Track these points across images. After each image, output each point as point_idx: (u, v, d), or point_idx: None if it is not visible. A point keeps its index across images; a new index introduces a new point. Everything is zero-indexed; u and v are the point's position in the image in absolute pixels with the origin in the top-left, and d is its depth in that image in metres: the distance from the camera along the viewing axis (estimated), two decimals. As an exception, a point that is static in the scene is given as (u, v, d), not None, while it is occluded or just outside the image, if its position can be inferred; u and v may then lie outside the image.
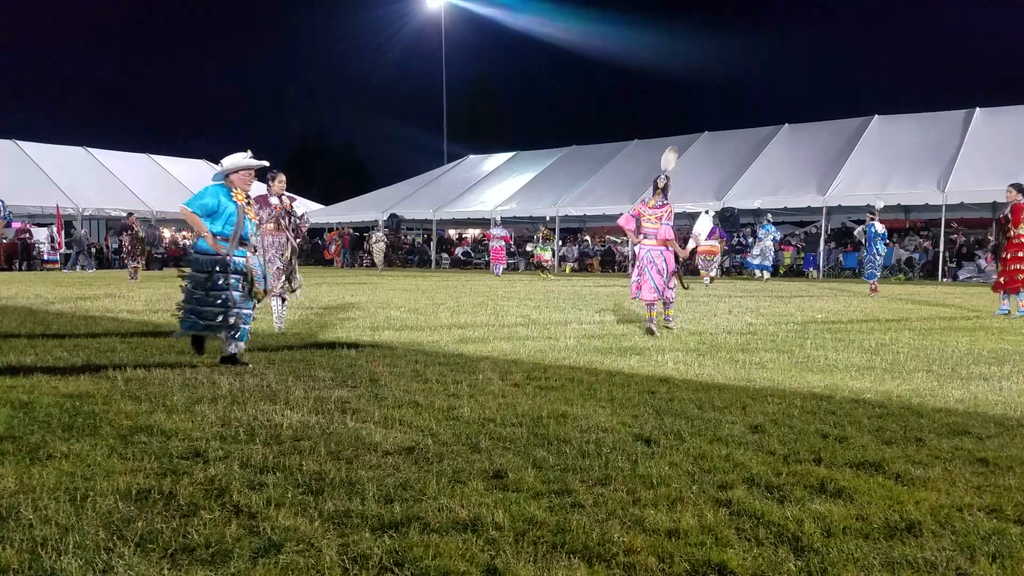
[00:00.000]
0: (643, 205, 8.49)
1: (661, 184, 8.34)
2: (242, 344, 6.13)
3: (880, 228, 16.06)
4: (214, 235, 5.98)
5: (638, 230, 8.41)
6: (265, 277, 6.98)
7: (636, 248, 8.63)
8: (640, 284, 8.35)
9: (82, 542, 2.49)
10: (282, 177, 8.28)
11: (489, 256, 27.24)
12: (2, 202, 8.22)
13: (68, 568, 2.32)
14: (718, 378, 5.60)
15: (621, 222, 8.68)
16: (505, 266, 26.25)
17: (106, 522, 2.66)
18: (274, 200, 8.23)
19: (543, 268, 24.91)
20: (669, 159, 8.59)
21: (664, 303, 8.55)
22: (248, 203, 6.28)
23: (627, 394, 4.95)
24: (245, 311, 6.12)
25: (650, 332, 8.12)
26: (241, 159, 6.19)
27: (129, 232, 20.48)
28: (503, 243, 25.62)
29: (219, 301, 5.98)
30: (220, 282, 5.98)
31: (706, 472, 3.31)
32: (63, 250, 29.76)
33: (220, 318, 5.95)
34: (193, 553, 2.45)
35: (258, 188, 7.32)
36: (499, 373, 5.67)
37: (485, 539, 2.57)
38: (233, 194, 6.13)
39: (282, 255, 8.21)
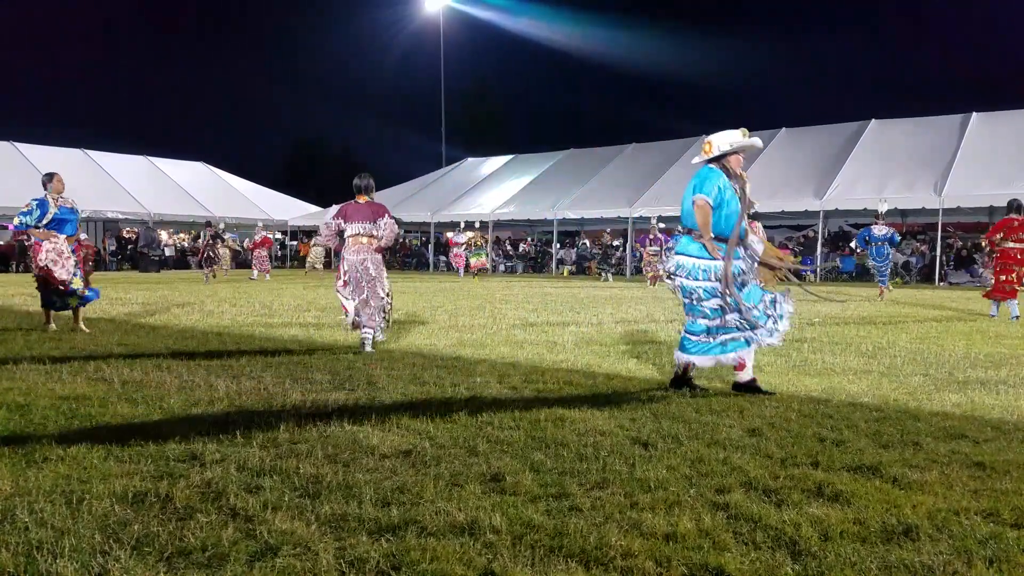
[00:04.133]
0: None
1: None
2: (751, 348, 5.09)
3: (878, 231, 15.27)
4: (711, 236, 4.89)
5: None
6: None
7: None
8: None
9: (78, 545, 2.48)
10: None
11: (451, 260, 27.87)
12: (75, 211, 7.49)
13: (64, 571, 2.31)
14: (715, 381, 5.60)
15: None
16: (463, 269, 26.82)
17: (102, 525, 2.65)
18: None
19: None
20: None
21: None
22: (744, 192, 4.97)
23: (625, 397, 4.95)
24: (759, 314, 4.92)
25: None
26: (741, 137, 4.89)
27: (216, 239, 22.36)
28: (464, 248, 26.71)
29: (735, 320, 4.91)
30: (729, 300, 4.85)
31: (703, 476, 3.31)
32: None
33: (741, 338, 4.94)
34: (189, 556, 2.44)
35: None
36: (497, 376, 5.66)
37: (482, 543, 2.57)
38: (730, 183, 4.92)
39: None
